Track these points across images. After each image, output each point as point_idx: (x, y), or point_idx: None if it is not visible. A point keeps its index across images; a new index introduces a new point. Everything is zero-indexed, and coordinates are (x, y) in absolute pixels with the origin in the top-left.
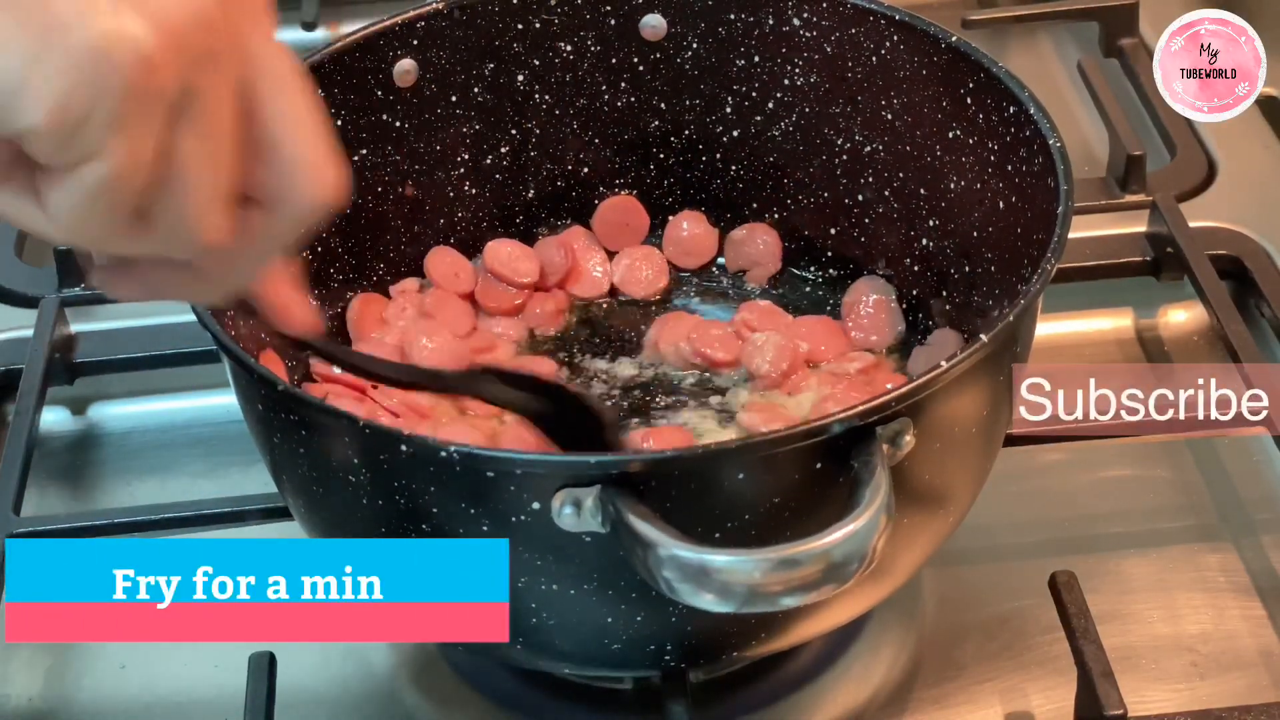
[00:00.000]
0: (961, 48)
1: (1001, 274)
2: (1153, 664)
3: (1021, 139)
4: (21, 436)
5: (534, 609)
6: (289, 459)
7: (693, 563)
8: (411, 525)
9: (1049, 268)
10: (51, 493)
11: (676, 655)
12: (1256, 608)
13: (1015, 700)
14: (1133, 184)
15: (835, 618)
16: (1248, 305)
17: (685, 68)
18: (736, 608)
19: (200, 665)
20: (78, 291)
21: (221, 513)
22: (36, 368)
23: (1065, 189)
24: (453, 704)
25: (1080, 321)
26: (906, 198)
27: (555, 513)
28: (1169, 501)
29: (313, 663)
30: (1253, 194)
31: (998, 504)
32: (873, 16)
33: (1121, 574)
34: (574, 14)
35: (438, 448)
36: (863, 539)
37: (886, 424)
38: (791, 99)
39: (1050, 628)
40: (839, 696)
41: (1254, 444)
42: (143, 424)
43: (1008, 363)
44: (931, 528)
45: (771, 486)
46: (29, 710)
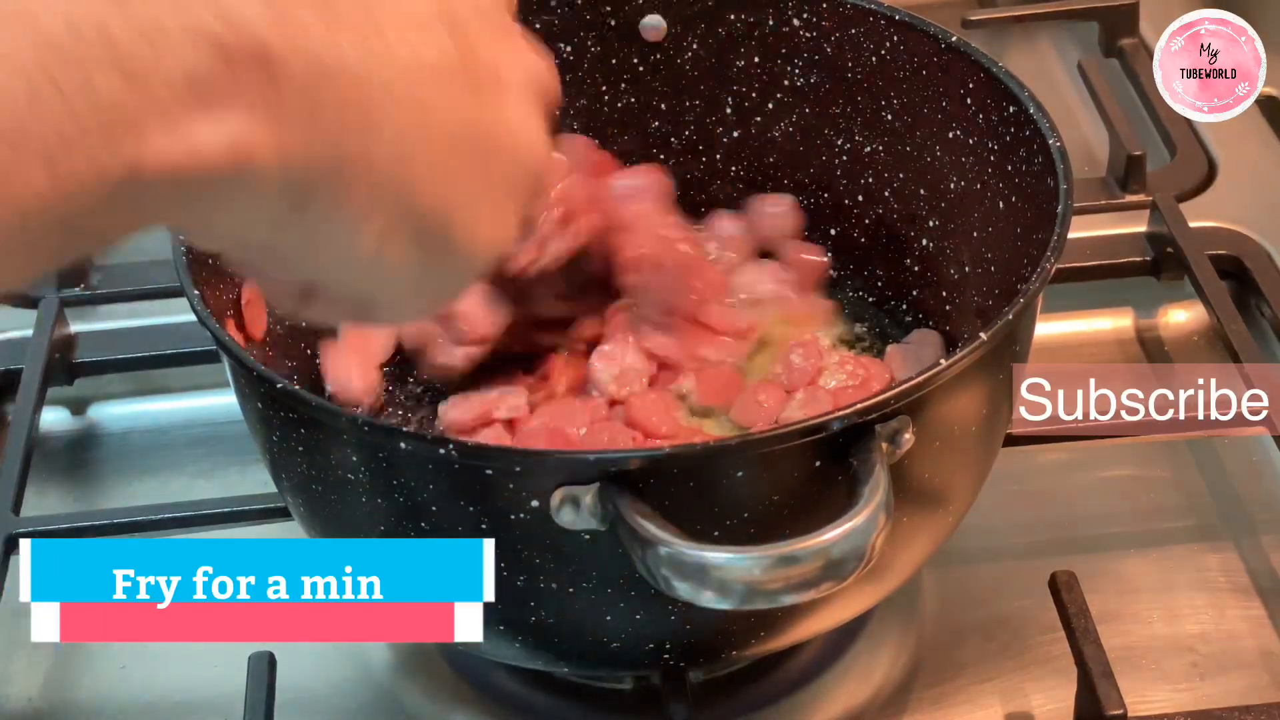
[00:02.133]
0: (961, 48)
1: (1001, 274)
2: (1153, 664)
3: (1021, 139)
4: (21, 436)
5: (533, 608)
6: (288, 458)
7: (691, 560)
8: (411, 523)
9: (1049, 267)
10: (51, 493)
11: (676, 654)
12: (1256, 608)
13: (1015, 700)
14: (1133, 184)
15: (835, 617)
16: (1248, 305)
17: (685, 68)
18: (735, 605)
19: (200, 665)
20: (78, 291)
21: (221, 513)
22: (36, 368)
23: (1065, 189)
24: (453, 704)
25: (1080, 321)
26: (906, 198)
27: (554, 510)
28: (1169, 501)
29: (313, 663)
30: (1253, 194)
31: (998, 504)
32: (873, 16)
33: (1121, 574)
34: (574, 14)
35: (436, 445)
36: (861, 537)
37: (885, 422)
38: (791, 99)
39: (1050, 628)
40: (839, 696)
41: (1254, 444)
42: (143, 424)
43: (1007, 362)
44: (931, 527)
45: (770, 484)
46: (29, 710)
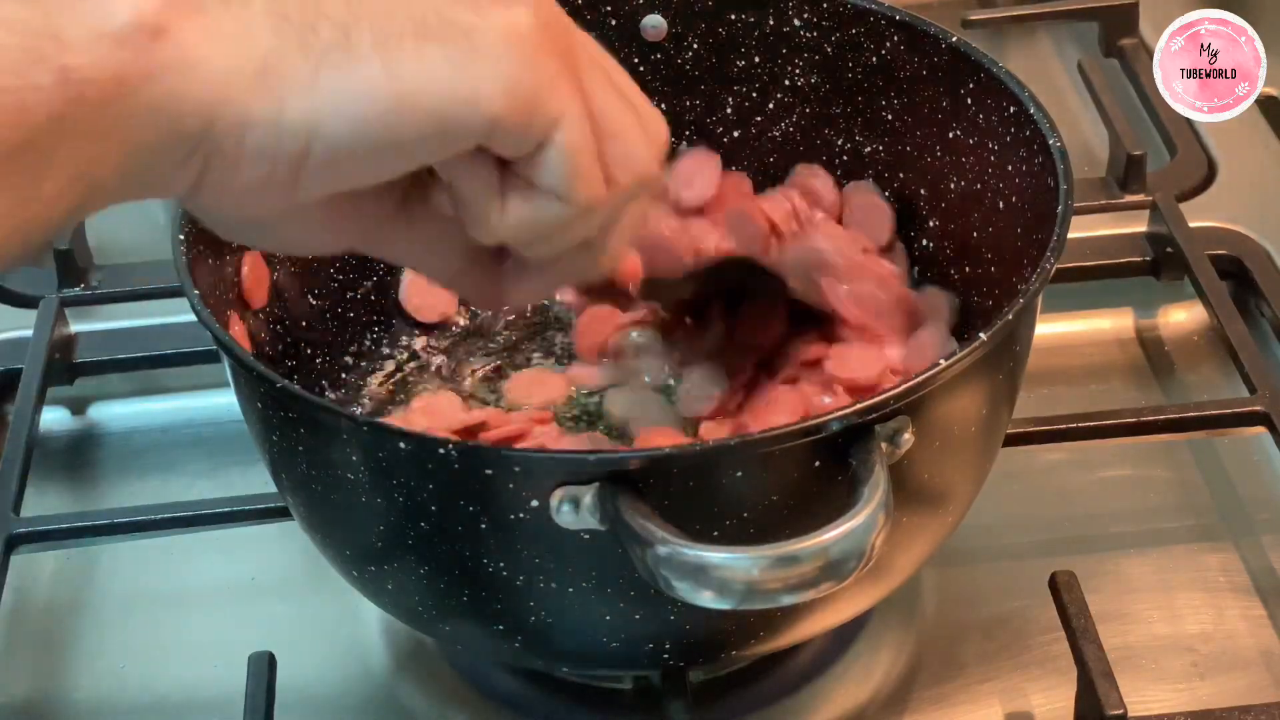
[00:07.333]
0: (961, 48)
1: (1001, 274)
2: (1153, 664)
3: (1021, 139)
4: (21, 436)
5: (532, 607)
6: (288, 457)
7: (691, 560)
8: (410, 523)
9: (1048, 267)
10: (51, 493)
11: (675, 654)
12: (1256, 608)
13: (1015, 700)
14: (1133, 184)
15: (835, 617)
16: (1248, 305)
17: (685, 68)
18: (735, 605)
19: (200, 665)
20: (78, 291)
21: (221, 513)
22: (36, 368)
23: (1065, 189)
24: (453, 704)
25: (1080, 321)
26: (907, 198)
27: (554, 510)
28: (1169, 501)
29: (313, 663)
30: (1253, 194)
31: (998, 504)
32: (873, 16)
33: (1121, 574)
34: (574, 14)
35: (436, 445)
36: (861, 537)
37: (885, 422)
38: (791, 99)
39: (1050, 628)
40: (839, 696)
41: (1254, 444)
42: (143, 424)
43: (1007, 362)
44: (931, 527)
45: (770, 484)
46: (29, 710)
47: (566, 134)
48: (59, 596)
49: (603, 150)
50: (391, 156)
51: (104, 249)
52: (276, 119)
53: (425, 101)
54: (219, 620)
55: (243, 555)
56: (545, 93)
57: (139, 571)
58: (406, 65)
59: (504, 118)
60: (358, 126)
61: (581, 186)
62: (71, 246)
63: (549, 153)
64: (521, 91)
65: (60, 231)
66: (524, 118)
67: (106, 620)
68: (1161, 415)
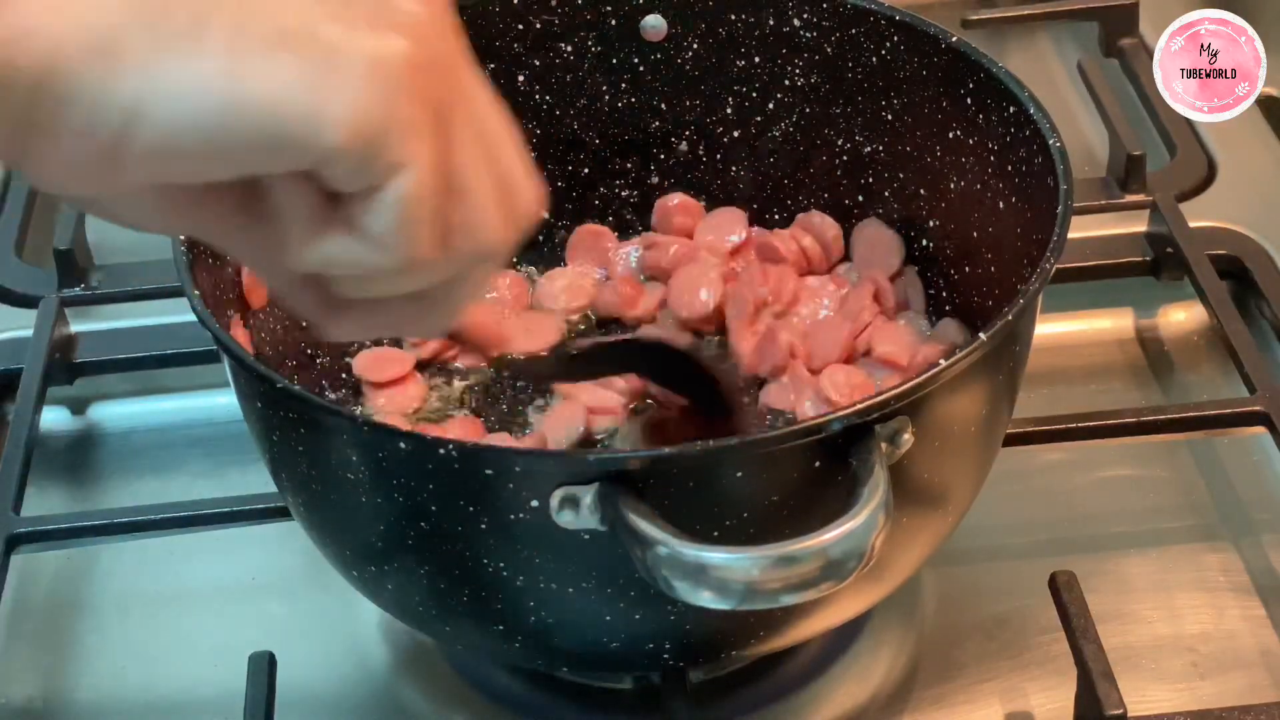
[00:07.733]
0: (961, 48)
1: (1001, 274)
2: (1153, 664)
3: (1021, 139)
4: (21, 436)
5: (532, 608)
6: (288, 457)
7: (691, 560)
8: (410, 523)
9: (1049, 267)
10: (51, 493)
11: (675, 654)
12: (1256, 608)
13: (1015, 700)
14: (1133, 184)
15: (835, 617)
16: (1248, 305)
17: (685, 68)
18: (735, 606)
19: (200, 665)
20: (78, 291)
21: (221, 512)
22: (36, 368)
23: (1065, 189)
24: (453, 704)
25: (1080, 321)
26: (906, 198)
27: (554, 510)
28: (1169, 501)
29: (313, 663)
30: (1253, 194)
31: (998, 504)
32: (873, 17)
33: (1121, 574)
34: (574, 14)
35: (436, 445)
36: (861, 537)
37: (885, 422)
38: (791, 99)
39: (1050, 628)
40: (839, 696)
41: (1254, 444)
42: (143, 424)
43: (1007, 362)
44: (931, 527)
45: (770, 484)
46: (29, 710)
47: (406, 185)
48: (59, 596)
49: (448, 211)
50: (217, 158)
51: (104, 249)
52: (99, 96)
53: (261, 109)
54: (219, 620)
55: (243, 555)
56: (394, 136)
57: (139, 571)
58: (253, 68)
59: (341, 149)
60: (184, 120)
61: (407, 242)
62: (72, 246)
63: (382, 198)
64: (367, 127)
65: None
66: (362, 155)
67: (106, 620)
68: (1161, 415)
